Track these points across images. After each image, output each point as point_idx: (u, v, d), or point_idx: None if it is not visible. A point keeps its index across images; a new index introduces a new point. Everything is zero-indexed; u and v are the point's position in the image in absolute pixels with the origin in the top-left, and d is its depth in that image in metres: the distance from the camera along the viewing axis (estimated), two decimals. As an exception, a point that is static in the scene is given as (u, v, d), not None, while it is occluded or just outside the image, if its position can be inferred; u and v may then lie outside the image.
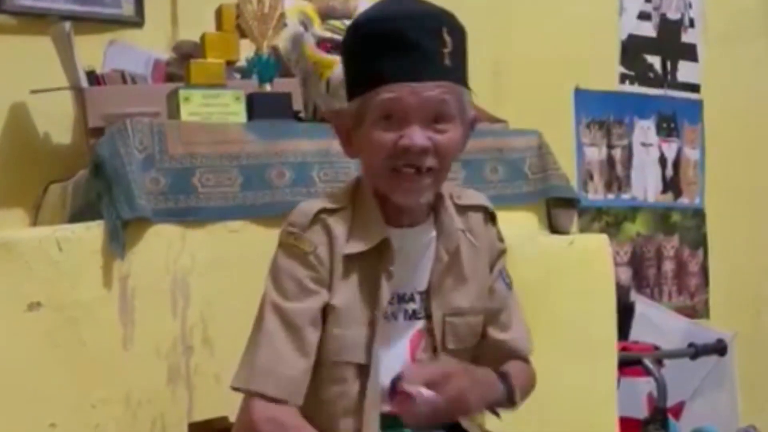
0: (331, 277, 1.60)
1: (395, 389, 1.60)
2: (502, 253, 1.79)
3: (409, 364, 1.64)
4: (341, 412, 1.62)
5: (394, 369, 1.62)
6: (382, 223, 1.62)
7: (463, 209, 1.73)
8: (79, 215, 2.13)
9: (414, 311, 1.67)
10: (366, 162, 1.64)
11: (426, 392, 1.59)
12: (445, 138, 1.58)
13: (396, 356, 1.65)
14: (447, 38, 1.56)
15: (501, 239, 1.79)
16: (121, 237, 1.98)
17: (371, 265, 1.62)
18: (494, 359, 1.75)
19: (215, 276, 2.09)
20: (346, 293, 1.61)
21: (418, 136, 1.55)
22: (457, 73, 1.60)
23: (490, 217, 1.77)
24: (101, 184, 2.04)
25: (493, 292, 1.76)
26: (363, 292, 1.61)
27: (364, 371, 1.61)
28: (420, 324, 1.67)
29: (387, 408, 1.62)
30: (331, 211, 1.63)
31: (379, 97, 1.55)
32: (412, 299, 1.66)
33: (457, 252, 1.68)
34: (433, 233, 1.68)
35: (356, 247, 1.60)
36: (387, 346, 1.64)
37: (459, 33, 1.60)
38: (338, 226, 1.62)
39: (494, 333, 1.76)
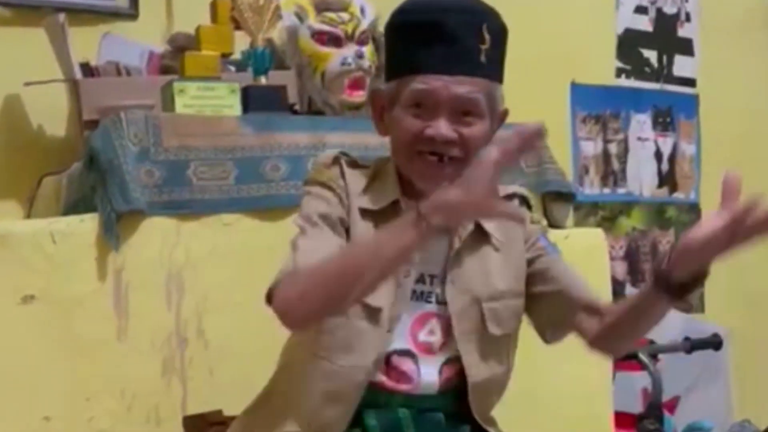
0: (348, 213, 1.62)
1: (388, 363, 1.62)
2: (536, 230, 1.76)
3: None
4: (339, 345, 1.61)
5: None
6: (397, 189, 1.64)
7: None
8: (73, 208, 2.13)
9: (423, 293, 1.66)
10: (393, 142, 1.66)
11: None
12: (472, 130, 1.59)
13: (395, 332, 1.64)
14: (486, 35, 1.58)
15: (534, 221, 1.77)
16: (115, 230, 1.98)
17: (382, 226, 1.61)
18: (555, 309, 1.70)
19: (210, 269, 2.09)
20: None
21: (444, 127, 1.57)
22: (492, 71, 1.62)
23: (525, 202, 1.78)
24: (95, 176, 2.04)
25: (537, 259, 1.73)
26: None
27: (368, 313, 1.60)
28: (430, 307, 1.66)
29: (382, 377, 1.62)
30: (350, 162, 1.67)
31: (412, 85, 1.58)
32: (421, 281, 1.65)
33: (475, 240, 1.67)
34: None
35: (369, 203, 1.62)
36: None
37: (500, 31, 1.62)
38: (353, 178, 1.65)
39: (545, 287, 1.71)
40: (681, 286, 1.50)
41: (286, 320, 1.55)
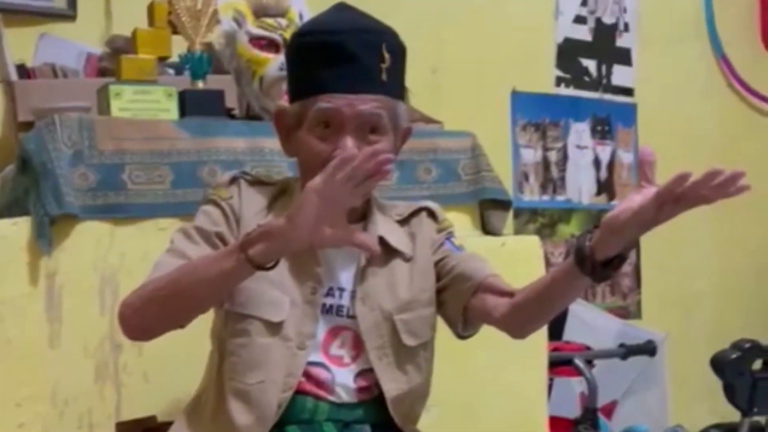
0: (238, 230, 1.65)
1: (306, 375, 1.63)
2: (441, 237, 1.79)
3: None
4: (246, 364, 1.63)
5: None
6: None
7: (405, 221, 1.79)
8: (6, 211, 2.10)
9: (333, 306, 1.67)
10: (300, 163, 1.70)
11: None
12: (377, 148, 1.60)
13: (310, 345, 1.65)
14: (386, 54, 1.63)
15: (440, 229, 1.80)
16: (48, 233, 1.96)
17: None
18: (456, 293, 1.73)
19: (144, 274, 2.05)
20: None
21: (350, 146, 1.59)
22: (394, 88, 1.66)
23: (432, 215, 1.81)
24: (28, 179, 2.01)
25: (442, 260, 1.76)
26: None
27: (270, 329, 1.62)
28: (342, 321, 1.68)
29: (301, 379, 1.63)
30: (252, 181, 1.72)
31: (317, 105, 1.62)
32: (332, 294, 1.67)
33: (383, 254, 1.69)
34: None
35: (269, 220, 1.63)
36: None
37: (399, 50, 1.67)
38: (254, 196, 1.70)
39: (446, 278, 1.75)
40: (604, 264, 1.50)
41: (123, 329, 1.62)
